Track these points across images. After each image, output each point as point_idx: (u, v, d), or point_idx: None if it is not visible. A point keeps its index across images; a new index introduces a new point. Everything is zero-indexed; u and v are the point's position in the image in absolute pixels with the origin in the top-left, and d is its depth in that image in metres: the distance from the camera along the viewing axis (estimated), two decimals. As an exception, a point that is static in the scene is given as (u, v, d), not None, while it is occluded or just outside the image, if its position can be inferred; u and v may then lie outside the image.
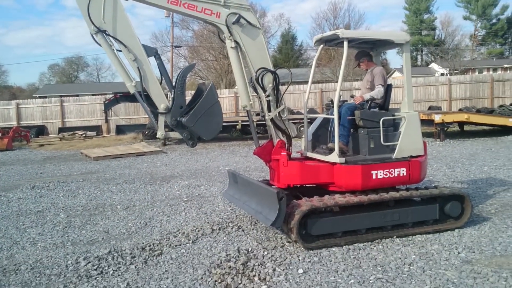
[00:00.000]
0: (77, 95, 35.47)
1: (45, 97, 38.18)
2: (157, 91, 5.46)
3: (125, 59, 5.37)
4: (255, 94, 6.10)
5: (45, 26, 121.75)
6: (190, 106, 5.51)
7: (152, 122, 5.64)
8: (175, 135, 5.72)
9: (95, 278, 4.90)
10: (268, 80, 5.95)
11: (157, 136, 5.76)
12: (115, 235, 6.53)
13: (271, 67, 5.98)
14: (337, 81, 6.23)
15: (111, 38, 5.28)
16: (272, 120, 6.05)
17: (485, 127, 18.81)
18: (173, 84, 5.54)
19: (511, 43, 78.03)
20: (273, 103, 6.01)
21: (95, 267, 5.17)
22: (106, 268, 5.17)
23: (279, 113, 6.07)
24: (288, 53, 60.01)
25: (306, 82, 7.27)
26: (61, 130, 25.74)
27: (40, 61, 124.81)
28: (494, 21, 73.22)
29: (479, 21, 73.28)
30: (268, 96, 5.95)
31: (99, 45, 5.29)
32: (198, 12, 5.66)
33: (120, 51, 5.35)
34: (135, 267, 5.19)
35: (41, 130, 25.93)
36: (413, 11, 74.48)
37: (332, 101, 6.17)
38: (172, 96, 5.47)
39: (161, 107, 5.43)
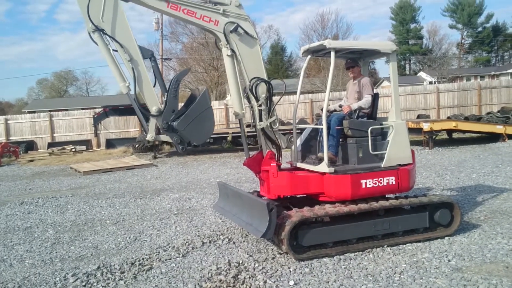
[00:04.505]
0: (67, 110, 35.27)
1: (34, 112, 38.10)
2: (150, 93, 5.48)
3: (120, 60, 5.40)
4: (248, 104, 6.12)
5: (36, 41, 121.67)
6: (182, 111, 5.51)
7: (143, 124, 5.63)
8: (165, 138, 5.70)
9: (84, 295, 4.84)
10: (261, 90, 5.98)
11: (146, 138, 5.76)
12: (104, 250, 6.46)
13: (265, 77, 6.01)
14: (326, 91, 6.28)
15: (108, 38, 5.32)
16: (263, 130, 6.05)
17: (473, 134, 18.96)
18: (167, 87, 5.54)
19: (497, 50, 79.22)
20: (265, 113, 6.02)
21: (83, 284, 5.10)
22: (95, 284, 5.10)
23: (270, 124, 6.08)
24: (278, 64, 60.29)
25: (296, 93, 7.31)
26: (50, 145, 25.52)
27: (29, 75, 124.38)
28: (480, 29, 74.36)
29: (465, 30, 74.42)
30: (260, 105, 5.97)
31: (96, 43, 5.33)
32: (197, 19, 5.74)
33: (116, 51, 5.38)
34: (125, 282, 5.12)
35: (30, 146, 25.70)
36: (399, 21, 75.51)
37: (322, 110, 6.18)
38: (165, 99, 5.48)
39: (153, 109, 5.44)
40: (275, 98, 6.15)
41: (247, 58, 5.96)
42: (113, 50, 5.38)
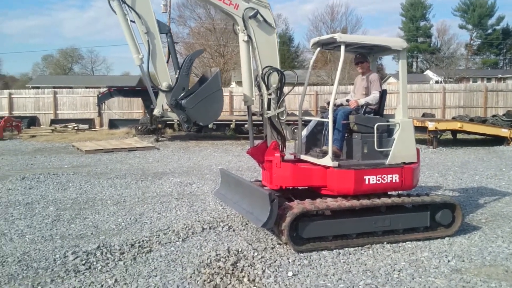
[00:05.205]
0: (71, 87, 35.31)
1: (38, 87, 38.02)
2: (162, 67, 5.49)
3: (137, 31, 5.40)
4: (258, 92, 6.11)
5: (43, 16, 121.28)
6: (192, 90, 5.53)
7: (151, 98, 5.64)
8: (172, 115, 5.69)
9: (83, 273, 4.85)
10: (273, 79, 5.97)
11: (153, 113, 5.77)
12: (104, 230, 6.48)
13: (278, 67, 5.98)
14: (332, 84, 6.27)
15: (127, 7, 5.32)
16: (269, 119, 6.04)
17: (478, 136, 18.91)
18: (179, 65, 5.55)
19: (506, 53, 78.74)
20: (274, 102, 6.00)
21: (83, 262, 5.12)
22: (94, 263, 5.12)
23: (278, 114, 6.06)
24: (285, 55, 60.02)
25: (302, 84, 7.28)
26: (53, 121, 25.58)
27: (35, 51, 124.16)
28: (489, 31, 73.88)
29: (475, 31, 73.92)
30: (270, 94, 5.95)
31: (114, 12, 5.33)
32: (218, 0, 5.74)
33: (133, 22, 5.39)
34: (124, 263, 5.14)
35: (33, 121, 25.77)
36: (409, 17, 75.03)
37: (328, 103, 6.15)
38: (177, 76, 5.49)
39: (164, 85, 5.45)
40: (285, 89, 6.12)
41: (263, 46, 5.94)
42: (131, 21, 5.37)
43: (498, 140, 17.39)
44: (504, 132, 17.21)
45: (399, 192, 6.44)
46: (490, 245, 5.75)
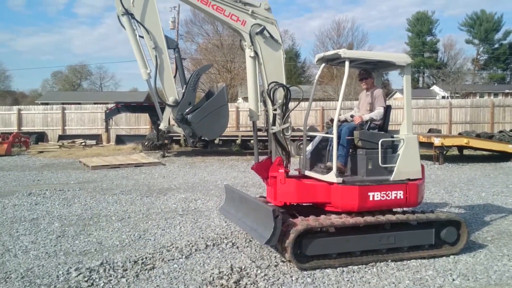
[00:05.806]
0: (79, 103, 35.62)
1: (47, 103, 38.37)
2: (169, 82, 5.55)
3: (145, 46, 5.47)
4: (263, 108, 6.13)
5: (53, 33, 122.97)
6: (198, 105, 5.57)
7: (157, 112, 5.68)
8: (178, 130, 5.73)
9: (85, 290, 4.85)
10: (279, 95, 5.99)
11: (159, 127, 5.81)
12: (108, 246, 6.47)
13: (284, 83, 6.02)
14: (338, 100, 6.28)
15: (136, 23, 5.40)
16: (274, 135, 6.04)
17: (484, 152, 18.77)
18: (186, 80, 5.61)
19: (513, 68, 78.43)
20: (280, 118, 6.02)
21: (86, 279, 5.11)
22: (97, 280, 5.11)
23: (283, 130, 6.07)
24: (291, 70, 60.23)
25: (307, 100, 7.29)
26: (61, 137, 25.75)
27: (45, 67, 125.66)
28: (496, 46, 73.79)
29: (482, 46, 73.89)
30: (275, 109, 5.97)
31: (123, 27, 5.41)
32: (225, 16, 5.81)
33: (142, 37, 5.46)
34: (126, 280, 5.13)
35: (41, 137, 25.94)
36: (415, 32, 75.26)
37: (332, 120, 6.15)
38: (183, 91, 5.54)
39: (170, 99, 5.50)
40: (291, 105, 6.14)
41: (269, 62, 5.99)
42: (140, 36, 5.45)
43: (505, 156, 17.23)
44: (511, 148, 17.06)
45: (404, 209, 6.40)
46: (495, 264, 5.68)
